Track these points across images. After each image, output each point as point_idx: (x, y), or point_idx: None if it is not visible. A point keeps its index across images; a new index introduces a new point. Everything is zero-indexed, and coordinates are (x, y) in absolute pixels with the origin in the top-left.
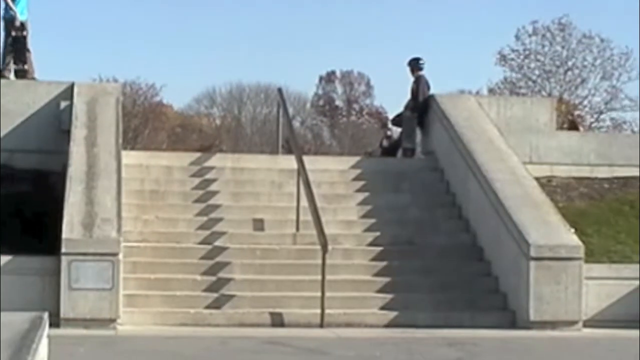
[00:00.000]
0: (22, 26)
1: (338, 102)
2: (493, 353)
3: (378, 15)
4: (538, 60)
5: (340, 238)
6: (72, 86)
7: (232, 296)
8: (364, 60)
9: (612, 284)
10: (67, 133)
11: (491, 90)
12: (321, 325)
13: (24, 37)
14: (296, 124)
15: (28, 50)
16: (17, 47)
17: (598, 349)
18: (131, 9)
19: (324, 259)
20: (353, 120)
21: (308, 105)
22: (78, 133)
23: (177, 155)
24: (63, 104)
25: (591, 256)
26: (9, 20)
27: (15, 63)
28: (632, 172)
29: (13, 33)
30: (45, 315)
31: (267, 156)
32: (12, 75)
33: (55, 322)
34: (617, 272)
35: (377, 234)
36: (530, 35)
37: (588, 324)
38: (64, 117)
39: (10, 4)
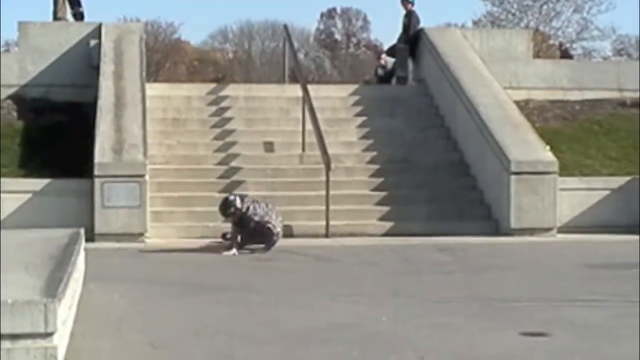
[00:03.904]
0: None
1: (338, 36)
2: (479, 256)
3: None
4: None
5: (342, 157)
6: (100, 26)
7: None
8: None
9: (582, 194)
10: (97, 68)
11: (475, 23)
12: (326, 236)
13: None
14: (300, 56)
15: None
16: None
17: (570, 251)
18: None
19: (327, 176)
20: (351, 52)
21: (311, 39)
22: (106, 68)
23: (195, 86)
24: (92, 43)
25: (565, 170)
26: None
27: (72, 7)
28: (601, 95)
29: None
30: (82, 230)
31: (275, 85)
32: (71, 18)
33: (90, 237)
34: (587, 183)
35: (375, 153)
36: None
37: (562, 230)
38: (94, 54)
39: None
